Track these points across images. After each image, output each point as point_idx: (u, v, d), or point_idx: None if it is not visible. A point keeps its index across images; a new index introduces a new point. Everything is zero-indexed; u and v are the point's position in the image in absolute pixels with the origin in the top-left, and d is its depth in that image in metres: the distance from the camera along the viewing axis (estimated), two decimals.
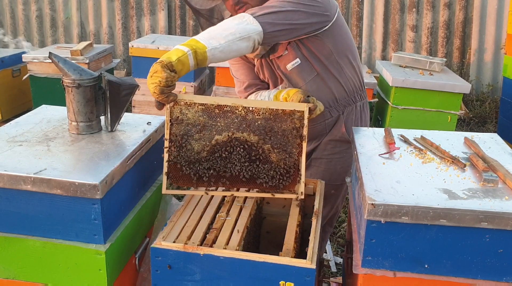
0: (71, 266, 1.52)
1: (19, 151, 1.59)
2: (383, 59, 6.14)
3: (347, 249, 1.94)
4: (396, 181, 1.49)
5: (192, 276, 1.43)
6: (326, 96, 1.98)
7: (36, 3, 6.64)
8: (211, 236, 1.50)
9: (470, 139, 1.85)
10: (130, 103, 2.01)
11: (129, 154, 1.62)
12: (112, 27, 6.64)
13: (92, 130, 1.78)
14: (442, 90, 4.06)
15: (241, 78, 2.16)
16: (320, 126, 2.06)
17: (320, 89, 1.97)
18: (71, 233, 1.48)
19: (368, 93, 4.10)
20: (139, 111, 4.50)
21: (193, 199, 1.74)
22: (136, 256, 1.74)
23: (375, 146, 1.79)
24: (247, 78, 2.14)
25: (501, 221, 1.32)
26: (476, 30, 5.93)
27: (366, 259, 1.42)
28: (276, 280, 1.37)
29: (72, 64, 1.74)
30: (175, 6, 6.48)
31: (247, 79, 2.14)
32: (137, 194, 1.75)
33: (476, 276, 1.40)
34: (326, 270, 2.85)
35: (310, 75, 1.96)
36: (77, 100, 1.72)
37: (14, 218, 1.49)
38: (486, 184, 1.48)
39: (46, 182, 1.42)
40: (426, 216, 1.34)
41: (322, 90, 1.98)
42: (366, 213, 1.36)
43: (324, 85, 1.98)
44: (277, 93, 1.95)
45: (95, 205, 1.43)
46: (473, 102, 5.77)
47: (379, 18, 6.11)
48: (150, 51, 4.34)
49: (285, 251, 1.47)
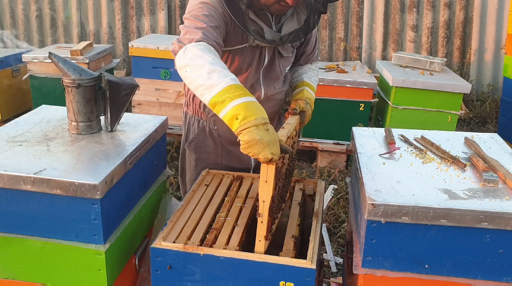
0: (71, 266, 1.52)
1: (19, 151, 1.59)
2: (383, 59, 6.14)
3: (347, 249, 1.94)
4: (396, 181, 1.49)
5: (192, 276, 1.43)
6: None
7: (36, 3, 6.64)
8: (211, 236, 1.50)
9: (471, 139, 1.85)
10: (130, 103, 2.00)
11: (129, 154, 1.61)
12: (112, 27, 6.63)
13: (92, 130, 1.77)
14: (442, 90, 4.06)
15: (217, 34, 1.67)
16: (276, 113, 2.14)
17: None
18: (71, 233, 1.48)
19: (368, 93, 4.12)
20: (139, 111, 4.50)
21: (193, 199, 1.74)
22: (136, 256, 1.74)
23: (375, 146, 1.79)
24: (220, 40, 1.69)
25: (501, 221, 1.32)
26: (477, 30, 5.93)
27: (366, 259, 1.41)
28: (276, 280, 1.37)
29: (72, 64, 1.74)
30: (175, 6, 6.48)
31: (220, 40, 1.70)
32: (137, 194, 1.75)
33: (476, 276, 1.40)
34: (326, 270, 2.85)
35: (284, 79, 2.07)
36: (77, 100, 1.72)
37: (14, 218, 1.49)
38: (487, 184, 1.48)
39: (46, 182, 1.42)
40: (426, 216, 1.34)
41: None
42: (366, 213, 1.36)
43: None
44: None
45: (95, 205, 1.43)
46: (474, 102, 5.77)
47: (379, 18, 6.10)
48: (150, 51, 4.34)
49: (285, 251, 1.47)
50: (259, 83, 1.90)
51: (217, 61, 1.50)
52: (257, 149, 1.34)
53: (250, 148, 1.35)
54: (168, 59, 4.31)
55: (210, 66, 1.46)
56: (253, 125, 1.36)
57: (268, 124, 1.39)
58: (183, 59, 1.53)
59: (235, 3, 1.66)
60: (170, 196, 2.00)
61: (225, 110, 1.41)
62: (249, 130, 1.36)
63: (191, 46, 1.54)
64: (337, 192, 3.67)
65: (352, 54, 6.21)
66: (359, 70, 4.46)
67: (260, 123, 1.36)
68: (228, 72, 1.48)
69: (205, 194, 1.78)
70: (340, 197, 3.60)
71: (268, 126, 1.38)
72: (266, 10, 1.73)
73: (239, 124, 1.37)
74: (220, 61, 1.53)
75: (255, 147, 1.34)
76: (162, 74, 4.35)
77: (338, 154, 4.27)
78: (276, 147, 1.36)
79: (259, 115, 1.38)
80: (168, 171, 2.06)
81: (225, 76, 1.45)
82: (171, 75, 4.35)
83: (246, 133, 1.36)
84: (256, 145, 1.34)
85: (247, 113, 1.37)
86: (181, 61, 1.54)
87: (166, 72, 4.34)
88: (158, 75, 4.37)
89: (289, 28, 1.80)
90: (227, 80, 1.43)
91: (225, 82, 1.43)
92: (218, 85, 1.43)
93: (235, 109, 1.39)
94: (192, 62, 1.50)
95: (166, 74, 4.34)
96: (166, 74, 4.34)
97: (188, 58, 1.52)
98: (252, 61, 1.84)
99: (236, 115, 1.38)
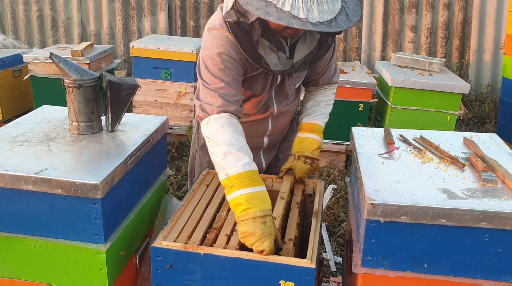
0: (72, 265, 1.52)
1: (20, 151, 1.59)
2: (383, 60, 6.14)
3: (346, 249, 1.94)
4: (396, 181, 1.50)
5: (193, 276, 1.43)
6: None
7: (37, 3, 6.64)
8: (212, 235, 1.51)
9: (469, 139, 1.86)
10: (130, 103, 2.01)
11: (130, 154, 1.62)
12: (113, 27, 6.64)
13: (93, 130, 1.78)
14: (441, 90, 4.06)
15: (235, 87, 1.72)
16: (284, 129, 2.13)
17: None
18: (72, 233, 1.49)
19: (368, 93, 4.12)
20: (140, 111, 4.50)
21: (193, 199, 1.74)
22: (136, 255, 1.75)
23: (375, 146, 1.80)
24: (240, 92, 1.76)
25: (500, 221, 1.32)
26: (476, 30, 5.94)
27: (365, 258, 1.42)
28: (276, 279, 1.38)
29: (72, 64, 1.74)
30: (175, 7, 6.49)
31: (240, 92, 1.75)
32: (137, 194, 1.76)
33: (475, 276, 1.40)
34: (326, 270, 2.85)
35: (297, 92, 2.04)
36: (78, 100, 1.73)
37: (15, 218, 1.50)
38: (485, 184, 1.49)
39: (47, 182, 1.42)
40: (426, 216, 1.34)
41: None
42: (366, 212, 1.36)
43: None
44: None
45: (95, 205, 1.44)
46: (472, 102, 5.78)
47: (379, 19, 6.11)
48: (151, 52, 4.34)
49: (285, 250, 1.48)
50: (271, 101, 1.92)
51: (235, 141, 1.58)
52: (250, 240, 1.42)
53: (245, 238, 1.43)
54: (168, 59, 4.32)
55: (227, 147, 1.55)
56: (250, 218, 1.44)
57: (267, 216, 1.45)
58: (206, 131, 1.65)
59: (247, 39, 1.64)
60: (170, 195, 2.00)
61: (231, 196, 1.51)
62: (246, 222, 1.44)
63: (214, 119, 1.63)
64: (336, 192, 3.68)
65: (352, 55, 6.22)
66: (359, 71, 4.46)
67: (258, 216, 1.44)
68: (243, 155, 1.55)
69: (205, 194, 1.79)
70: (339, 196, 3.60)
71: (266, 219, 1.44)
72: (279, 36, 1.71)
73: (239, 214, 1.47)
74: (239, 137, 1.61)
75: (249, 239, 1.42)
76: (163, 75, 4.36)
77: (337, 154, 4.28)
78: (269, 241, 1.42)
79: (260, 208, 1.45)
80: (169, 171, 2.07)
81: (239, 161, 1.53)
82: (171, 76, 4.36)
83: (243, 225, 1.45)
84: (250, 237, 1.42)
85: (249, 204, 1.46)
86: (204, 132, 1.66)
87: (167, 73, 4.35)
88: (159, 76, 4.37)
89: (301, 53, 1.78)
90: (239, 166, 1.52)
91: (237, 168, 1.51)
92: (230, 169, 1.52)
93: (239, 198, 1.48)
94: (213, 137, 1.61)
95: (166, 74, 4.35)
96: (167, 74, 4.35)
97: (210, 131, 1.62)
98: (266, 83, 1.86)
99: (239, 204, 1.48)
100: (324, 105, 2.03)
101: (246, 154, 1.57)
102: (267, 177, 1.91)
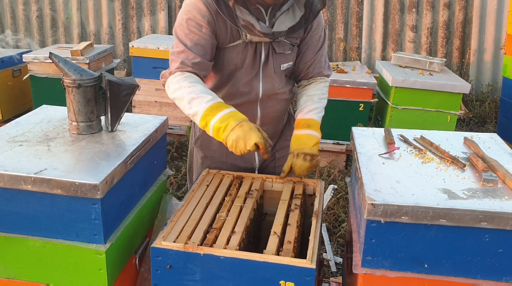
0: (71, 266, 1.52)
1: (19, 151, 1.59)
2: (383, 59, 6.14)
3: (347, 249, 1.94)
4: (396, 181, 1.50)
5: (192, 276, 1.43)
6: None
7: (37, 3, 6.65)
8: (211, 236, 1.50)
9: (470, 139, 1.86)
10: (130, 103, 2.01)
11: (130, 154, 1.62)
12: (113, 27, 6.64)
13: (93, 130, 1.78)
14: (441, 90, 4.06)
15: (196, 51, 1.75)
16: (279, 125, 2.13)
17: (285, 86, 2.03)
18: (72, 233, 1.48)
19: (368, 93, 4.12)
20: (139, 111, 4.50)
21: (193, 199, 1.74)
22: (136, 256, 1.74)
23: (375, 146, 1.79)
24: (202, 56, 1.77)
25: (501, 221, 1.32)
26: (476, 30, 5.94)
27: (366, 259, 1.42)
28: (276, 280, 1.38)
29: (72, 64, 1.74)
30: (175, 6, 6.48)
31: (201, 56, 1.77)
32: (137, 194, 1.75)
33: (475, 276, 1.40)
34: (326, 270, 2.85)
35: (288, 79, 2.02)
36: (78, 100, 1.73)
37: (15, 218, 1.49)
38: (486, 184, 1.48)
39: (46, 182, 1.42)
40: (426, 216, 1.34)
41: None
42: (366, 213, 1.36)
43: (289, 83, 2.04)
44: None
45: (95, 205, 1.43)
46: (473, 102, 5.78)
47: (379, 18, 6.11)
48: (150, 51, 4.34)
49: (285, 251, 1.48)
50: (257, 80, 1.89)
51: (193, 88, 1.68)
52: (240, 145, 1.53)
53: (235, 148, 1.53)
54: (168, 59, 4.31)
55: (188, 96, 1.66)
56: (229, 131, 1.56)
57: (242, 122, 1.54)
58: (169, 94, 1.77)
59: (224, 2, 1.70)
60: (170, 196, 2.00)
61: (210, 129, 1.62)
62: (229, 136, 1.56)
63: (170, 80, 1.76)
64: (336, 192, 3.68)
65: (352, 55, 6.21)
66: (359, 70, 4.46)
67: (235, 125, 1.56)
68: (204, 95, 1.65)
69: (205, 194, 1.78)
70: (339, 197, 3.60)
71: (242, 123, 1.55)
72: (261, 2, 1.72)
73: (222, 136, 1.58)
74: (197, 84, 1.70)
75: (238, 145, 1.55)
76: None
77: (337, 154, 4.28)
78: (254, 133, 1.51)
79: (232, 121, 1.57)
80: (168, 171, 2.06)
81: (202, 101, 1.63)
82: None
83: (228, 140, 1.57)
84: (238, 143, 1.53)
85: (223, 123, 1.58)
86: (169, 95, 1.77)
87: None
88: (158, 75, 4.33)
89: (283, 24, 1.77)
90: (204, 105, 1.62)
91: (203, 107, 1.62)
92: (199, 111, 1.63)
93: (215, 125, 1.60)
94: (175, 95, 1.72)
95: None
96: None
97: (171, 91, 1.74)
98: (246, 57, 1.84)
99: (217, 129, 1.59)
100: (318, 99, 1.96)
101: (208, 94, 1.67)
102: (267, 177, 1.90)
